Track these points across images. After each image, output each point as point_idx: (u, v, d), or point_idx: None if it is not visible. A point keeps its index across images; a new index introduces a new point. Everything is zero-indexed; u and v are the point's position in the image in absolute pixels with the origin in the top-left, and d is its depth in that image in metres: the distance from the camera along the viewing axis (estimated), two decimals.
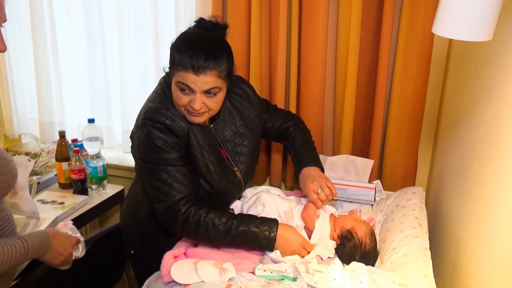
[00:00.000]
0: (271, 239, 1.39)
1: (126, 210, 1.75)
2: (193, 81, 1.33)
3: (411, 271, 1.25)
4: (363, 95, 1.96)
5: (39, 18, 2.38)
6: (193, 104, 1.37)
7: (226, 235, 1.39)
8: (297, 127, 1.74)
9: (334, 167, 1.96)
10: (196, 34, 1.40)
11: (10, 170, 1.19)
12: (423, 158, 2.03)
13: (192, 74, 1.32)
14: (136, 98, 2.37)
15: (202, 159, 1.47)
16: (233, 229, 1.39)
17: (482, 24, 0.94)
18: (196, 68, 1.32)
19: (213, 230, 1.39)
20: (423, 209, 1.63)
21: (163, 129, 1.41)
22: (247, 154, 1.59)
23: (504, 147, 1.07)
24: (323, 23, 1.87)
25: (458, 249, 1.37)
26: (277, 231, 1.39)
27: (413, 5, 1.75)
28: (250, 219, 1.42)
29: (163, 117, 1.41)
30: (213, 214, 1.39)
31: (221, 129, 1.55)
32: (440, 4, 1.01)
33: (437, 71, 1.89)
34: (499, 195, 1.07)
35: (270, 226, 1.40)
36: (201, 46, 1.34)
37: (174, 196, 1.39)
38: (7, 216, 1.26)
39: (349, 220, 1.49)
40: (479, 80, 1.34)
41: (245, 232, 1.39)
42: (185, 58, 1.32)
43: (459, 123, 1.53)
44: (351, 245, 1.42)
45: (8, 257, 1.13)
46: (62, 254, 1.31)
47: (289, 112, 1.83)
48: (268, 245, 1.40)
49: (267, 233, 1.39)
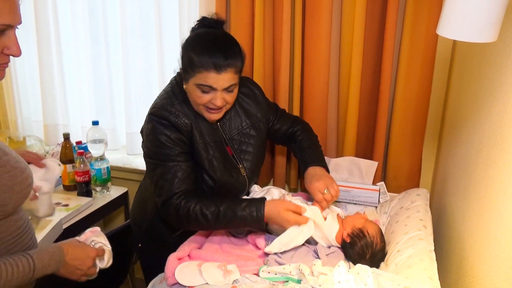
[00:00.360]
0: (259, 218, 1.40)
1: (136, 203, 1.80)
2: (215, 80, 1.38)
3: (416, 273, 1.25)
4: (367, 97, 1.96)
5: (44, 20, 2.40)
6: (215, 102, 1.42)
7: (216, 223, 1.43)
8: (304, 131, 1.75)
9: (338, 169, 1.96)
10: (208, 34, 1.44)
11: (25, 179, 1.11)
12: (427, 160, 2.02)
13: (214, 73, 1.37)
14: (140, 100, 2.37)
15: (205, 155, 1.50)
16: (221, 217, 1.42)
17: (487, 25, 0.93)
18: (218, 67, 1.37)
19: (203, 220, 1.42)
20: (428, 211, 1.63)
21: (167, 125, 1.45)
22: (252, 153, 1.61)
23: (509, 148, 1.07)
24: (327, 24, 1.87)
25: (463, 251, 1.36)
26: (264, 209, 1.41)
27: (416, 7, 1.75)
28: (236, 203, 1.44)
29: (168, 113, 1.46)
30: (201, 205, 1.43)
31: (228, 128, 1.58)
32: (445, 5, 1.01)
33: (441, 72, 1.89)
34: (504, 197, 1.07)
35: (257, 206, 1.41)
36: (219, 45, 1.39)
37: (171, 191, 1.44)
38: (25, 224, 1.18)
39: (360, 219, 1.51)
40: (483, 81, 1.34)
41: (233, 217, 1.41)
42: (206, 58, 1.36)
43: (463, 124, 1.53)
44: (363, 244, 1.43)
45: (9, 277, 1.02)
46: (80, 269, 1.21)
47: (297, 117, 1.85)
48: (258, 224, 1.42)
49: (255, 214, 1.40)
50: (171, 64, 2.30)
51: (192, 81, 1.42)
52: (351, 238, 1.46)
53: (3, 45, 1.01)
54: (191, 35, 1.48)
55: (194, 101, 1.46)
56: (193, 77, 1.41)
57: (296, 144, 1.73)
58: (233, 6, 1.94)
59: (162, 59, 2.27)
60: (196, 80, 1.40)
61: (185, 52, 1.43)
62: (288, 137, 1.77)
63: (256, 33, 1.91)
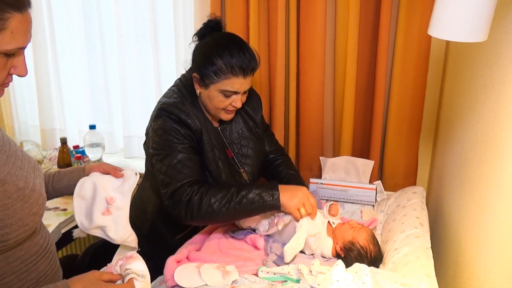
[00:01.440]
0: (275, 194, 1.38)
1: (135, 206, 1.77)
2: (241, 84, 1.41)
3: (413, 271, 1.26)
4: (363, 96, 1.97)
5: (39, 24, 2.39)
6: (236, 104, 1.45)
7: (230, 203, 1.38)
8: (287, 165, 1.71)
9: (334, 169, 1.97)
10: (227, 37, 1.45)
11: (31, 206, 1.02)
12: (423, 158, 2.04)
13: (242, 77, 1.40)
14: (137, 103, 2.38)
15: (213, 156, 1.50)
16: (235, 196, 1.39)
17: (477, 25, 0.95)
18: (246, 71, 1.40)
19: (216, 202, 1.38)
20: (424, 208, 1.64)
21: (178, 121, 1.46)
22: (253, 157, 1.61)
23: (502, 145, 1.08)
24: (321, 26, 1.88)
25: (460, 248, 1.38)
26: (278, 188, 1.40)
27: (409, 7, 1.76)
28: (249, 185, 1.44)
29: (178, 110, 1.46)
30: (214, 188, 1.41)
31: (228, 131, 1.58)
32: (435, 6, 1.03)
33: (435, 71, 1.90)
34: (498, 193, 1.08)
35: (271, 187, 1.40)
36: (243, 49, 1.40)
37: (182, 179, 1.42)
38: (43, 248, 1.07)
39: (348, 230, 1.47)
40: (477, 79, 1.35)
41: (247, 195, 1.38)
42: (234, 64, 1.37)
43: (458, 122, 1.54)
44: (356, 255, 1.42)
45: None
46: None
47: (283, 150, 1.80)
48: (273, 200, 1.38)
49: (270, 191, 1.39)
50: (167, 67, 2.31)
51: (215, 87, 1.42)
52: (344, 252, 1.45)
53: (11, 65, 0.96)
54: (207, 40, 1.46)
55: (215, 106, 1.45)
56: (218, 83, 1.41)
57: (276, 174, 1.68)
58: (228, 8, 1.95)
59: (158, 62, 2.28)
60: (222, 86, 1.40)
61: (207, 58, 1.41)
62: (268, 163, 1.71)
63: (251, 36, 1.92)
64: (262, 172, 1.71)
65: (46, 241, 1.13)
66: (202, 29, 1.49)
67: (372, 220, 1.66)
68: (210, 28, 1.48)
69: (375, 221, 1.66)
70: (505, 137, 1.06)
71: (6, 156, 1.02)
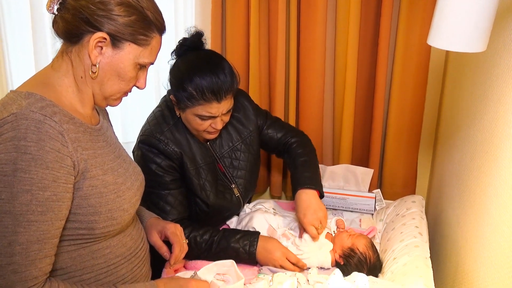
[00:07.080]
0: (251, 253, 1.42)
1: None
2: (216, 109, 1.38)
3: (411, 280, 1.25)
4: (362, 105, 1.97)
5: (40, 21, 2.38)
6: (216, 126, 1.42)
7: (208, 252, 1.43)
8: (301, 144, 1.67)
9: (334, 177, 1.97)
10: (200, 59, 1.40)
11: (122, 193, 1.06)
12: (422, 167, 2.03)
13: (216, 103, 1.37)
14: (136, 110, 2.37)
15: (197, 181, 1.49)
16: (214, 246, 1.43)
17: (476, 35, 0.95)
18: (219, 97, 1.36)
19: (195, 248, 1.42)
20: (423, 218, 1.63)
21: (157, 153, 1.44)
22: (245, 170, 1.59)
23: (501, 155, 1.08)
24: (321, 33, 1.88)
25: (459, 258, 1.37)
26: (257, 244, 1.42)
27: (409, 17, 1.77)
28: (231, 234, 1.45)
29: (157, 140, 1.43)
30: (195, 233, 1.43)
31: (218, 146, 1.56)
32: (435, 16, 1.03)
33: (435, 80, 1.90)
34: (497, 203, 1.08)
35: (251, 240, 1.42)
36: (216, 72, 1.36)
37: (164, 218, 1.40)
38: (130, 251, 1.11)
39: (347, 238, 1.47)
40: (476, 89, 1.36)
41: (226, 248, 1.42)
42: (206, 90, 1.34)
43: (458, 131, 1.54)
44: (356, 262, 1.41)
45: None
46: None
47: (295, 128, 1.79)
48: (249, 259, 1.43)
49: (247, 247, 1.42)
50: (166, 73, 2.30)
51: (191, 112, 1.39)
52: (344, 259, 1.45)
53: (137, 77, 1.12)
54: (180, 63, 1.42)
55: (194, 128, 1.43)
56: (192, 108, 1.38)
57: (291, 158, 1.64)
58: (229, 14, 1.95)
59: (158, 67, 2.28)
60: (196, 111, 1.38)
61: (179, 83, 1.38)
62: (283, 148, 1.69)
63: (252, 42, 1.92)
64: (255, 186, 1.70)
65: (136, 244, 1.15)
66: (178, 48, 1.44)
67: (371, 229, 1.65)
68: (186, 47, 1.42)
69: (374, 229, 1.65)
70: (504, 147, 1.06)
71: (113, 155, 1.10)
